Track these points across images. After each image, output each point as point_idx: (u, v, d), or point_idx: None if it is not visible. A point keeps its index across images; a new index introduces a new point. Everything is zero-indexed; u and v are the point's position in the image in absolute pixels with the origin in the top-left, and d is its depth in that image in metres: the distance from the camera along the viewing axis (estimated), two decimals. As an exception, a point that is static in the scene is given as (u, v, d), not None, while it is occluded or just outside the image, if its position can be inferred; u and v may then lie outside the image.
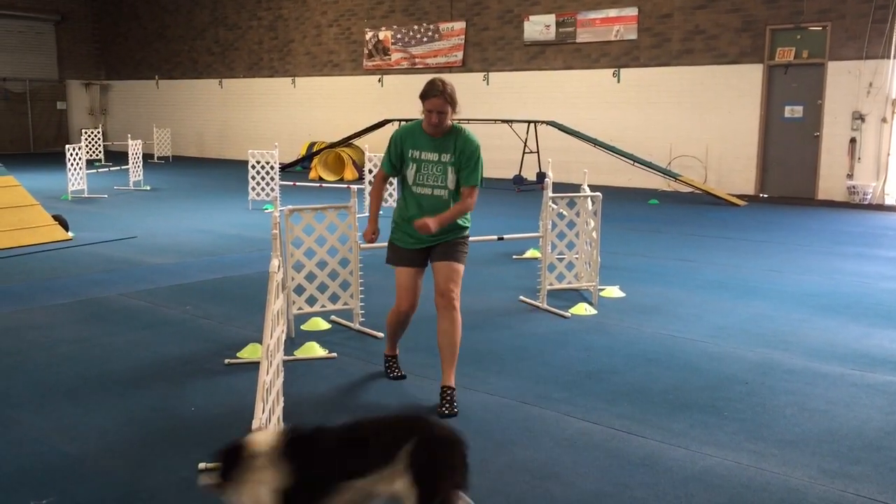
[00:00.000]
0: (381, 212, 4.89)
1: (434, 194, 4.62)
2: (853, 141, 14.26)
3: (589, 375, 5.12)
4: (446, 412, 4.43)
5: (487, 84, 18.71)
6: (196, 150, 25.16)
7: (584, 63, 17.37)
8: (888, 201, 14.00)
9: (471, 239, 4.61)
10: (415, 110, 4.75)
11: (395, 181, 6.58)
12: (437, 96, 4.42)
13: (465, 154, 4.56)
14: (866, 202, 14.07)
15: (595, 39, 17.16)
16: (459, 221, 4.66)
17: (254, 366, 4.98)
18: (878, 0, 13.76)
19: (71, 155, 13.75)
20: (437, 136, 4.57)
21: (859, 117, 14.16)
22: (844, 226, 11.83)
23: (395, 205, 4.95)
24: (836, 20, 14.27)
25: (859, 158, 14.25)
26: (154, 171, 19.06)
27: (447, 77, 4.65)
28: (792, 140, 15.04)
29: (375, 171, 12.32)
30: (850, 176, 14.34)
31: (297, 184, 14.22)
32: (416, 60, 19.86)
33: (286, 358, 5.16)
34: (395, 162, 4.69)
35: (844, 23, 14.19)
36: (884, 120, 13.98)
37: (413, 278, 4.73)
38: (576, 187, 7.41)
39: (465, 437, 2.95)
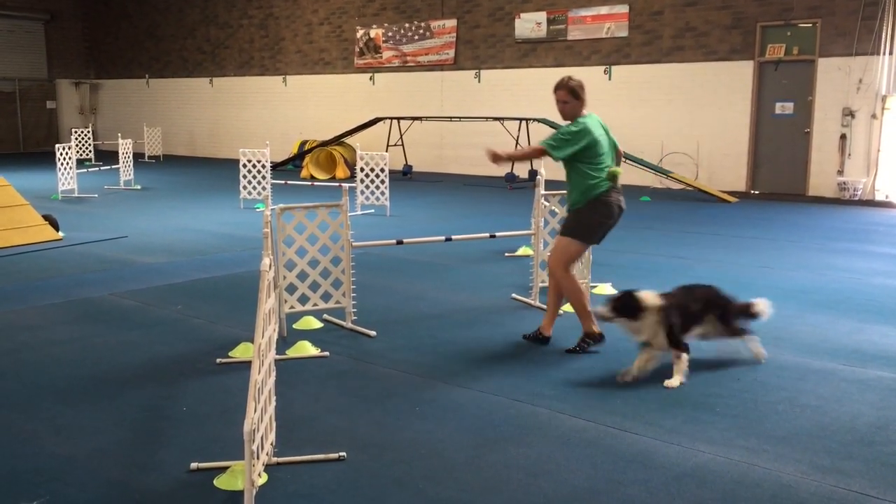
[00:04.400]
0: None
1: None
2: (843, 137, 14.32)
3: (580, 372, 5.12)
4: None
5: (479, 82, 18.69)
6: (187, 149, 25.08)
7: (575, 60, 17.37)
8: (878, 197, 14.06)
9: (462, 237, 4.59)
10: (406, 108, 4.75)
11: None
12: (559, 88, 5.75)
13: None
14: (856, 198, 14.13)
15: (586, 37, 17.17)
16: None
17: (246, 365, 4.97)
18: (867, -3, 13.83)
19: (61, 154, 13.68)
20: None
21: (849, 113, 14.21)
22: (835, 222, 11.87)
23: None
24: (826, 17, 14.31)
25: (849, 154, 14.31)
26: (144, 171, 18.99)
27: (446, 75, 4.65)
28: (782, 136, 15.09)
29: (367, 169, 12.31)
30: (840, 172, 14.40)
31: (289, 182, 14.20)
32: (408, 58, 19.83)
33: (278, 357, 5.15)
34: None
35: (834, 20, 14.24)
36: (873, 116, 14.04)
37: None
38: (567, 185, 7.39)
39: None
